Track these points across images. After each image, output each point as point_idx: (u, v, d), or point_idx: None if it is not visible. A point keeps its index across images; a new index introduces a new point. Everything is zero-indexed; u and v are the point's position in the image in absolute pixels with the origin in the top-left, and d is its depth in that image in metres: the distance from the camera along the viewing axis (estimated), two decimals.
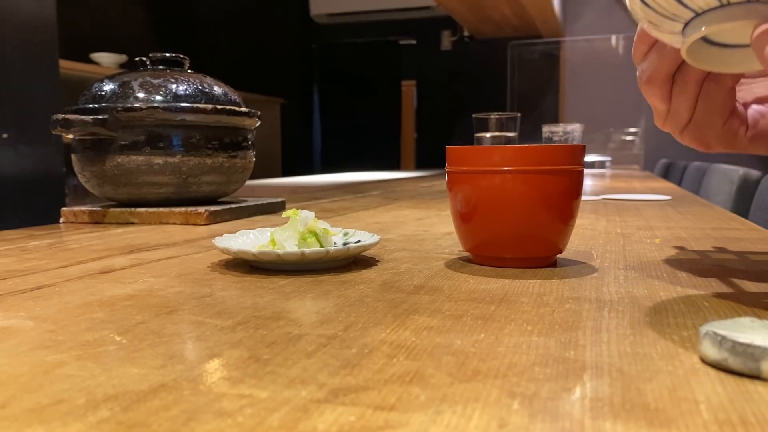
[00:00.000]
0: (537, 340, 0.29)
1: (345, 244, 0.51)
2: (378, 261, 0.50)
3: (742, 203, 1.42)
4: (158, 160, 0.77)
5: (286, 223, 0.49)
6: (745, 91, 0.41)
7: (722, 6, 0.29)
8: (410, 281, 0.42)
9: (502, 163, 0.45)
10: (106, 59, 3.23)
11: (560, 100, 4.05)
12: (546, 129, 1.84)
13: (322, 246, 0.48)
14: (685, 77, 0.37)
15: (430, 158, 4.62)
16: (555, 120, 3.75)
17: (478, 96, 4.45)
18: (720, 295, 0.38)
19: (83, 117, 0.74)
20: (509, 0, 3.32)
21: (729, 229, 0.71)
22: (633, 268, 0.47)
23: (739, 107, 0.40)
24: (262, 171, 2.27)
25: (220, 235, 0.53)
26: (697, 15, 0.30)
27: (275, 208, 0.92)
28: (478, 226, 0.47)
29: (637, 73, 0.39)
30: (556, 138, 1.81)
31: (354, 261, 0.50)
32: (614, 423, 0.20)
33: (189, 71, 0.84)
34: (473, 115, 1.39)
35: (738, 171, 1.48)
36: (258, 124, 0.89)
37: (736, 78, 0.38)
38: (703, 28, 0.30)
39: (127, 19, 4.05)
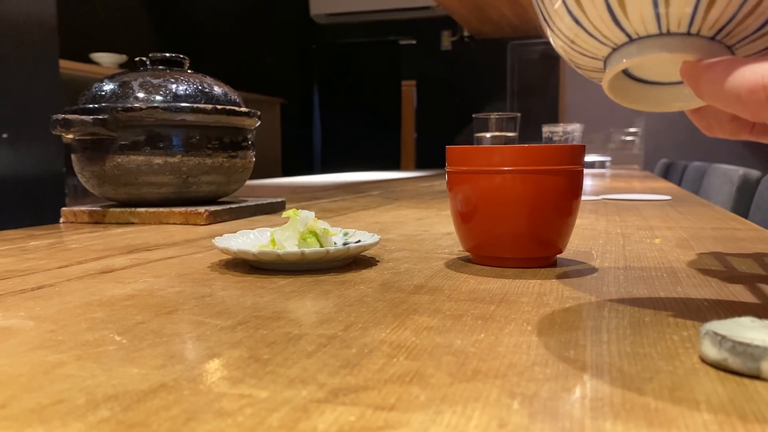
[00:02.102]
0: (537, 340, 0.29)
1: (345, 244, 0.51)
2: (378, 261, 0.50)
3: (742, 203, 1.42)
4: (158, 160, 0.77)
5: (286, 223, 0.49)
6: None
7: (660, 35, 0.27)
8: (410, 281, 0.42)
9: (502, 163, 0.45)
10: (106, 59, 3.23)
11: (560, 100, 4.05)
12: (546, 129, 1.84)
13: (322, 246, 0.48)
14: None
15: (430, 158, 4.62)
16: (555, 120, 3.75)
17: (478, 96, 4.45)
18: (720, 295, 0.38)
19: (83, 117, 0.74)
20: (509, 0, 3.32)
21: (729, 229, 0.71)
22: (633, 268, 0.47)
23: None
24: (262, 171, 2.27)
25: (220, 235, 0.53)
26: (632, 41, 0.28)
27: (275, 208, 0.92)
28: (478, 226, 0.47)
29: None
30: (556, 138, 1.81)
31: (354, 261, 0.50)
32: (614, 423, 0.20)
33: (189, 71, 0.84)
34: (473, 115, 1.39)
35: (738, 171, 1.48)
36: (258, 124, 0.89)
37: None
38: (635, 57, 0.27)
39: (127, 19, 4.05)
